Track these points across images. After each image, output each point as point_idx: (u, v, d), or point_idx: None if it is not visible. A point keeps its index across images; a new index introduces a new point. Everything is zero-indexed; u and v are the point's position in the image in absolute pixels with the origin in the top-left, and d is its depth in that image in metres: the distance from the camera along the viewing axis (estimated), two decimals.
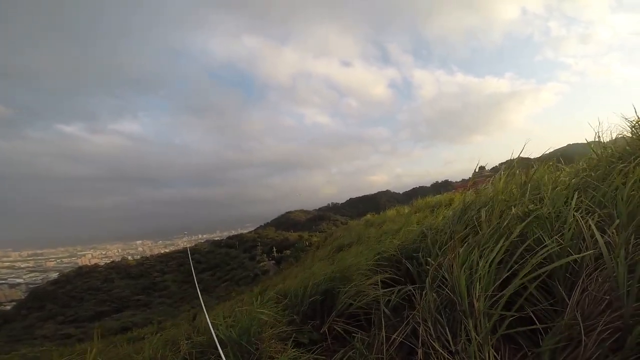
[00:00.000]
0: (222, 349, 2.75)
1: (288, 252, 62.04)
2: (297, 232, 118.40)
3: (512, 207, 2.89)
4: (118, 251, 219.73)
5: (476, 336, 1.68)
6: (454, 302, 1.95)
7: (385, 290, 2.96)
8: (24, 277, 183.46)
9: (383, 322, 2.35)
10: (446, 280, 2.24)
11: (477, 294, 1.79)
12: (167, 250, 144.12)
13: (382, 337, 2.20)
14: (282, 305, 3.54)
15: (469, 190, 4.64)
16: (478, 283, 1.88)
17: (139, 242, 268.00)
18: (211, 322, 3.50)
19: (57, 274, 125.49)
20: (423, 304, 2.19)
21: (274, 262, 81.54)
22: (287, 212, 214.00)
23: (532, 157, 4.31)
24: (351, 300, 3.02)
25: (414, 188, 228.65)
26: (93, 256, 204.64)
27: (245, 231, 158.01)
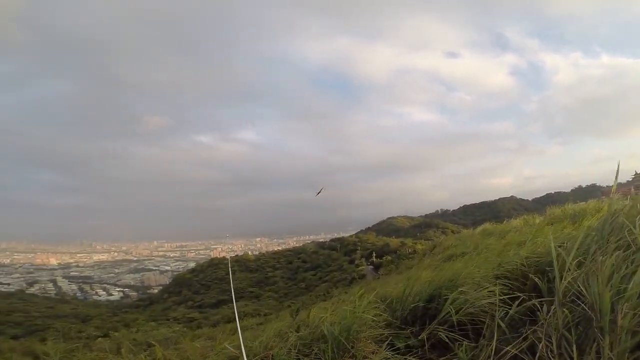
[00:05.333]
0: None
1: (389, 258, 60.75)
2: (399, 239, 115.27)
3: None
4: (241, 246, 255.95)
5: (609, 353, 1.56)
6: (589, 319, 1.78)
7: (503, 299, 2.82)
8: (171, 265, 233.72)
9: (496, 334, 2.25)
10: (582, 295, 2.02)
11: (623, 311, 1.53)
12: (279, 248, 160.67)
13: (492, 349, 2.09)
14: (381, 309, 3.64)
15: (628, 196, 3.83)
16: (625, 301, 1.63)
17: (257, 239, 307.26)
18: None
19: (195, 263, 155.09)
20: (549, 319, 2.03)
21: (372, 267, 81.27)
22: (389, 218, 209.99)
23: None
24: (454, 309, 2.95)
25: (547, 194, 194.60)
26: (222, 250, 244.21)
27: (346, 234, 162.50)
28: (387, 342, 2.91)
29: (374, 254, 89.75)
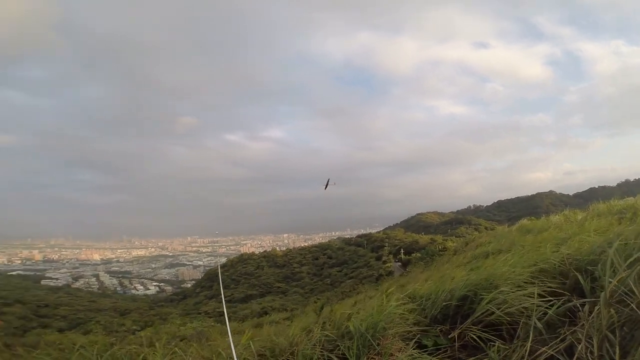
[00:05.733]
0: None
1: (417, 255, 59.48)
2: (428, 235, 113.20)
3: None
4: (269, 242, 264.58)
5: None
6: (637, 320, 1.71)
7: (541, 301, 2.72)
8: (203, 260, 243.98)
9: (531, 335, 2.21)
10: (631, 295, 1.91)
11: None
12: (306, 244, 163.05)
13: (526, 349, 2.04)
14: (409, 307, 3.62)
15: None
16: None
17: (285, 235, 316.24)
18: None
19: (225, 259, 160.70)
20: (591, 319, 1.95)
21: (400, 264, 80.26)
22: (418, 214, 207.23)
23: None
24: (494, 309, 2.89)
25: (591, 188, 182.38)
26: (251, 245, 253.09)
27: (373, 231, 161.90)
28: (414, 340, 2.91)
29: (402, 251, 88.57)
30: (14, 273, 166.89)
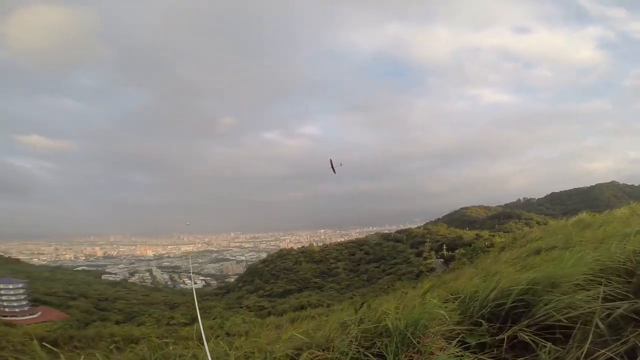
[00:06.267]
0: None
1: (462, 251, 57.05)
2: (473, 231, 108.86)
3: None
4: (307, 238, 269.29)
5: None
6: None
7: (605, 304, 2.58)
8: (245, 255, 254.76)
9: (590, 337, 2.12)
10: None
11: None
12: (342, 240, 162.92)
13: (583, 351, 1.98)
14: (453, 305, 3.55)
15: None
16: None
17: (322, 230, 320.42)
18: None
19: (266, 254, 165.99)
20: None
21: (442, 260, 77.90)
22: (462, 208, 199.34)
23: None
24: (555, 313, 2.75)
25: None
26: (290, 241, 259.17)
27: (413, 226, 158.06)
28: (457, 339, 2.84)
29: (444, 247, 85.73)
30: (79, 268, 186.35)
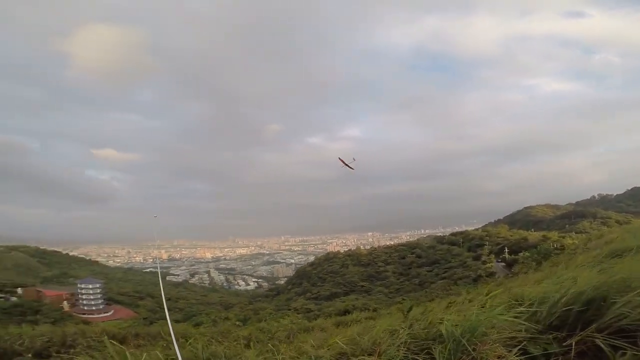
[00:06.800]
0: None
1: (526, 254, 52.31)
2: (540, 232, 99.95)
3: None
4: (354, 241, 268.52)
5: None
6: None
7: None
8: (294, 258, 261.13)
9: None
10: None
11: None
12: (391, 243, 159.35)
13: None
14: (516, 311, 3.27)
15: None
16: None
17: (369, 233, 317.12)
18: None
19: (314, 257, 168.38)
20: None
21: (503, 264, 72.59)
22: (525, 207, 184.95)
23: None
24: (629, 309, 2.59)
25: None
26: (337, 244, 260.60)
27: (470, 228, 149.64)
28: (518, 348, 2.70)
29: (505, 250, 79.81)
30: (147, 270, 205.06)
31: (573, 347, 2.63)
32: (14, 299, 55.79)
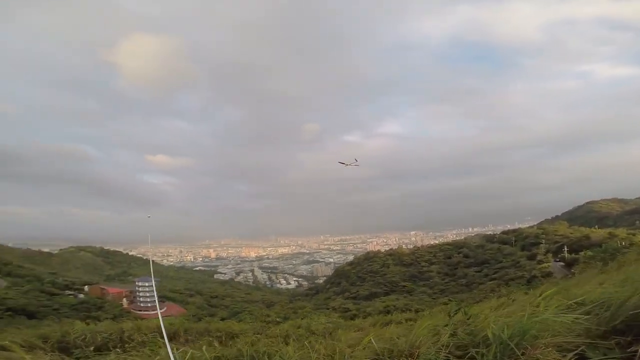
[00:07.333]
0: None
1: (588, 252, 47.67)
2: (605, 229, 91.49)
3: None
4: (395, 240, 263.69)
5: None
6: None
7: None
8: (333, 257, 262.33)
9: None
10: None
11: None
12: (436, 242, 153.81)
13: None
14: (575, 314, 3.03)
15: None
16: None
17: (412, 232, 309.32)
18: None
19: (353, 256, 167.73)
20: None
21: (562, 264, 66.88)
22: (587, 202, 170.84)
23: None
24: None
25: None
26: (377, 243, 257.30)
27: (524, 225, 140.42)
28: (575, 352, 2.51)
29: (565, 248, 73.40)
30: (197, 268, 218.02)
31: (639, 353, 2.38)
32: (81, 296, 61.85)
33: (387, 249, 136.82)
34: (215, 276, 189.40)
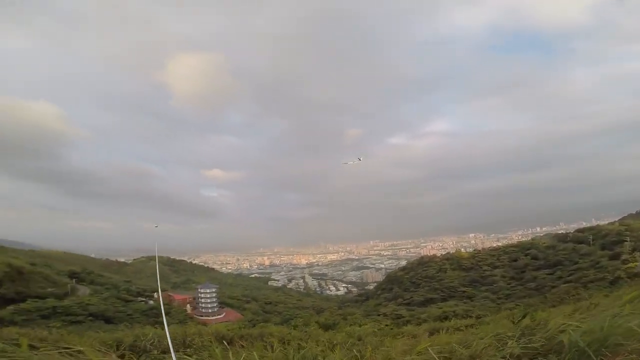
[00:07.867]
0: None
1: None
2: None
3: None
4: (452, 243, 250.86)
5: None
6: None
7: None
8: (384, 263, 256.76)
9: None
10: None
11: None
12: (499, 244, 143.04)
13: None
14: None
15: None
16: None
17: (471, 235, 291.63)
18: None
19: (405, 261, 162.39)
20: None
21: None
22: None
23: None
24: None
25: None
26: (432, 247, 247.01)
27: (602, 222, 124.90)
28: None
29: None
30: (252, 275, 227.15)
31: None
32: (151, 302, 67.39)
33: (444, 252, 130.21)
34: (269, 283, 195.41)
